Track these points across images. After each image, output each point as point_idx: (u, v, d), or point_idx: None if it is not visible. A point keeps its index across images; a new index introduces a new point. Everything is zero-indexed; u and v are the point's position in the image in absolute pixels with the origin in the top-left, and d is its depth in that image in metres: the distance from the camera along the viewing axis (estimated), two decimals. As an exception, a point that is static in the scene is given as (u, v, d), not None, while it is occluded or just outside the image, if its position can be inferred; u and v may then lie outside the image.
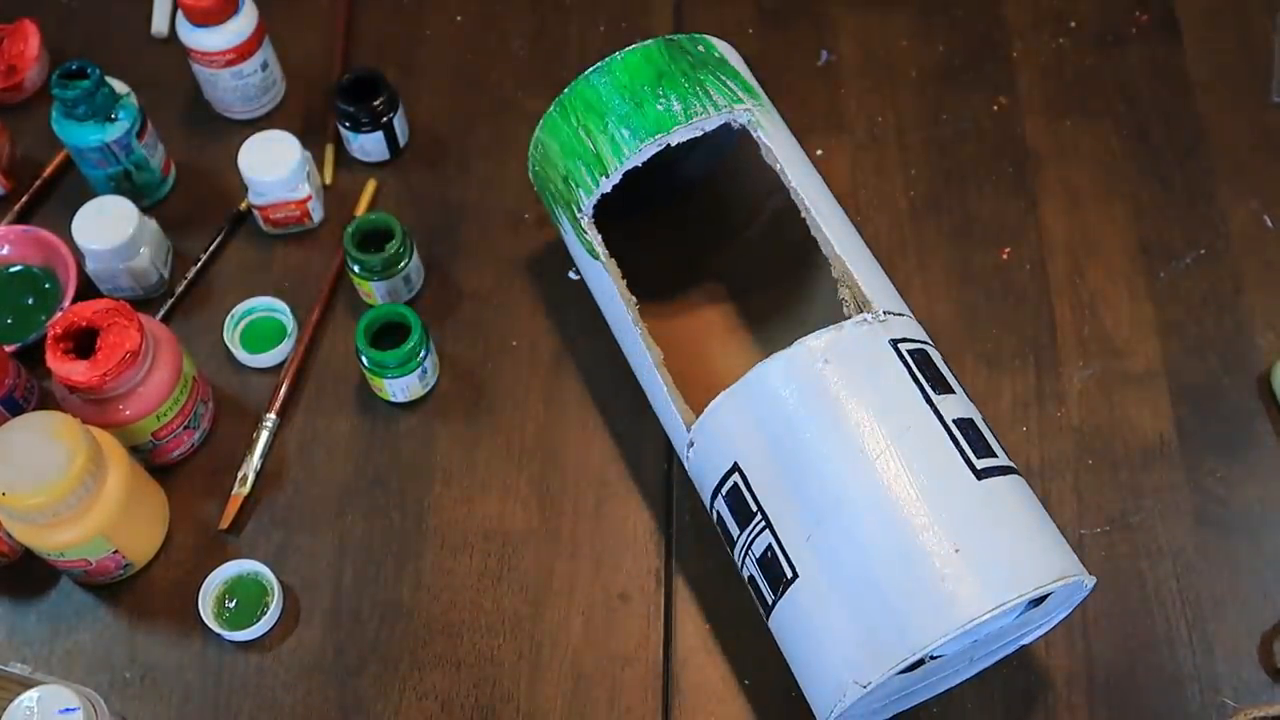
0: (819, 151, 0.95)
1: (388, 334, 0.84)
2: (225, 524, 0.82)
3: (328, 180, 0.96)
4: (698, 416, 0.72)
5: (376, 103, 0.93)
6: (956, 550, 0.64)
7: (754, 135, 0.77)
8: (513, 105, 0.99)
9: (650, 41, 0.79)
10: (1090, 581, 0.67)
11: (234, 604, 0.80)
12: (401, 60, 1.01)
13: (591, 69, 0.79)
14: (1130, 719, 0.76)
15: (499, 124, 0.98)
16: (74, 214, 0.87)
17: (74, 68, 0.87)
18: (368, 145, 0.95)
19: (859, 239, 0.77)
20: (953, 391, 0.71)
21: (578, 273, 0.91)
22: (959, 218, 0.93)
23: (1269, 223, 0.92)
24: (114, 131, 0.89)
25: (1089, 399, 0.86)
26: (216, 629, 0.78)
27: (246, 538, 0.83)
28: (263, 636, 0.79)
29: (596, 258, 0.77)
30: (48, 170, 0.95)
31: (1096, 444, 0.84)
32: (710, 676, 0.78)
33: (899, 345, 0.71)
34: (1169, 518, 0.82)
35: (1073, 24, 1.01)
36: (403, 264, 0.87)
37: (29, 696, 0.68)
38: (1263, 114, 0.97)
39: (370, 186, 0.95)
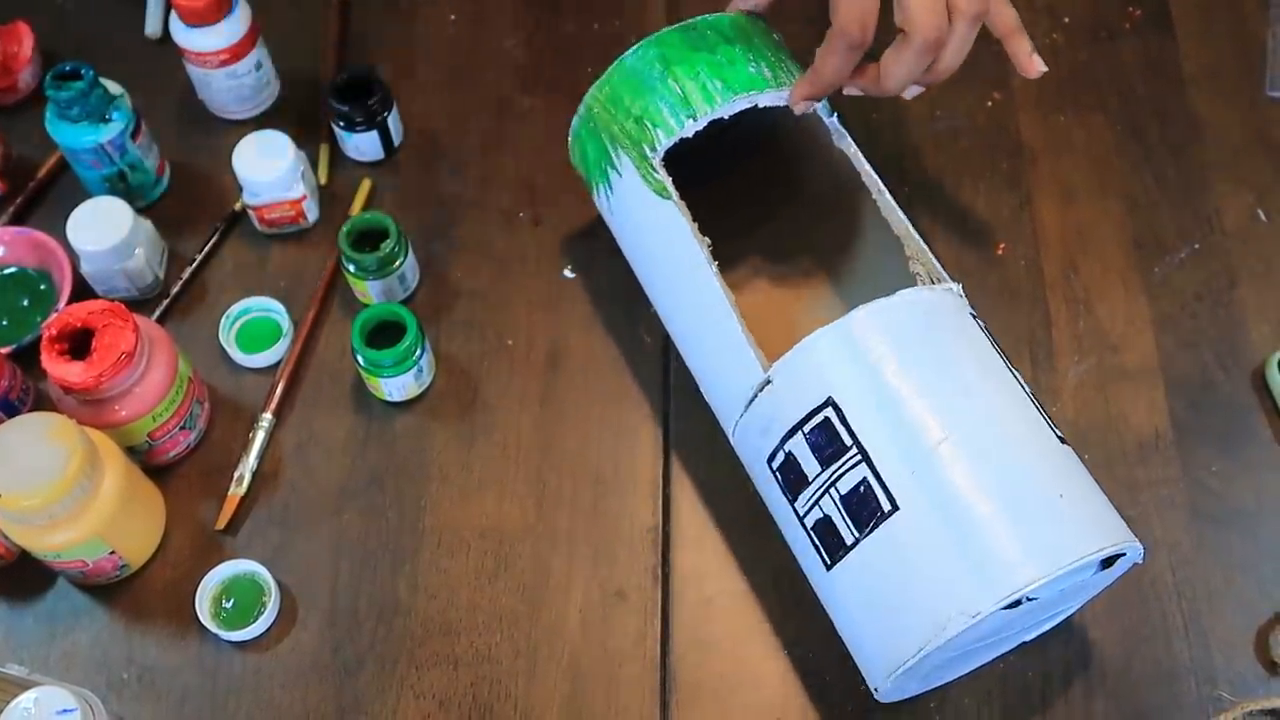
0: (813, 148, 0.95)
1: (383, 333, 0.84)
2: (222, 524, 0.82)
3: (322, 180, 0.96)
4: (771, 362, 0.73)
5: (371, 102, 0.93)
6: (1061, 496, 0.67)
7: (826, 121, 0.79)
8: (507, 104, 0.99)
9: (734, 13, 0.81)
10: (1141, 552, 0.69)
11: (231, 604, 0.80)
12: (396, 59, 1.01)
13: (679, 24, 0.80)
14: (1126, 712, 0.76)
15: (494, 122, 0.98)
16: (69, 215, 0.87)
17: (68, 69, 0.87)
18: (362, 145, 0.95)
19: (910, 225, 0.78)
20: (1017, 368, 0.73)
21: (574, 270, 0.91)
22: (953, 213, 0.93)
23: (1263, 217, 0.93)
24: (108, 132, 0.88)
25: (1084, 394, 0.86)
26: (214, 629, 0.78)
27: (243, 538, 0.83)
28: (260, 636, 0.79)
29: (667, 197, 0.77)
30: (42, 171, 0.95)
31: (1092, 439, 0.84)
32: (708, 674, 0.78)
33: (976, 319, 0.74)
34: (1165, 512, 0.82)
35: (1066, 19, 1.02)
36: (398, 263, 0.87)
37: (26, 698, 0.68)
38: (1256, 108, 0.97)
39: (365, 186, 0.95)
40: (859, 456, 0.68)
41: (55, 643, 0.80)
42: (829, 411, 0.70)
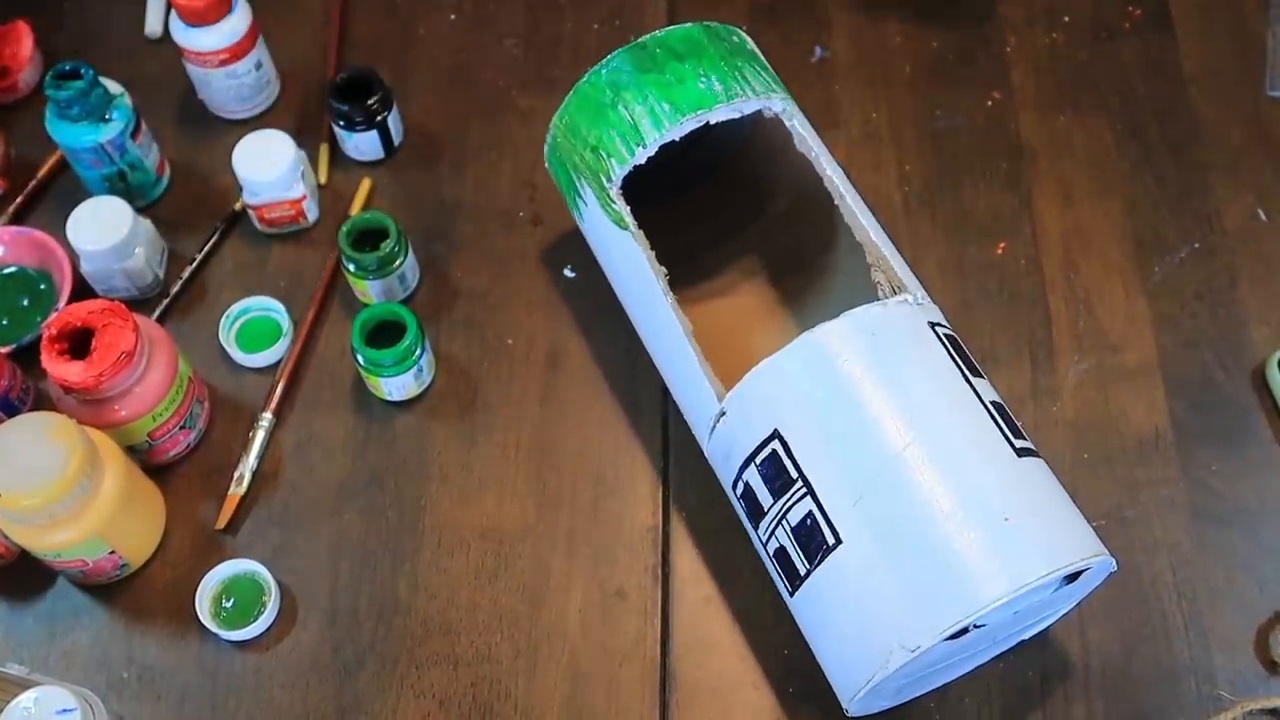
0: (813, 148, 0.95)
1: (383, 332, 0.84)
2: (222, 524, 0.82)
3: (322, 179, 0.96)
4: (728, 389, 0.72)
5: (370, 102, 0.93)
6: (1006, 519, 0.65)
7: (787, 124, 0.78)
8: (507, 104, 0.99)
9: (689, 25, 0.80)
10: (1112, 564, 0.68)
11: (231, 604, 0.80)
12: (395, 59, 1.01)
13: (630, 44, 0.79)
14: (1127, 712, 0.76)
15: (493, 122, 0.98)
16: (69, 215, 0.87)
17: (68, 68, 0.87)
18: (362, 144, 0.95)
19: (882, 230, 0.78)
20: (982, 376, 0.72)
21: (574, 270, 0.91)
22: (953, 213, 0.93)
23: (1263, 216, 0.93)
24: (108, 132, 0.88)
25: (1084, 393, 0.86)
26: (214, 629, 0.78)
27: (243, 537, 0.83)
28: (260, 636, 0.79)
29: (624, 228, 0.77)
30: (42, 171, 0.95)
31: (1092, 438, 0.84)
32: (707, 673, 0.78)
33: (935, 328, 0.72)
34: (1165, 511, 0.82)
35: (1066, 19, 1.02)
36: (397, 262, 0.87)
37: (26, 697, 0.68)
38: (1257, 108, 0.97)
39: (365, 185, 0.95)
40: (804, 489, 0.68)
41: (55, 642, 0.80)
42: (776, 444, 0.70)
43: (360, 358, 0.83)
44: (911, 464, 0.66)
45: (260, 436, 0.85)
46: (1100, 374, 0.87)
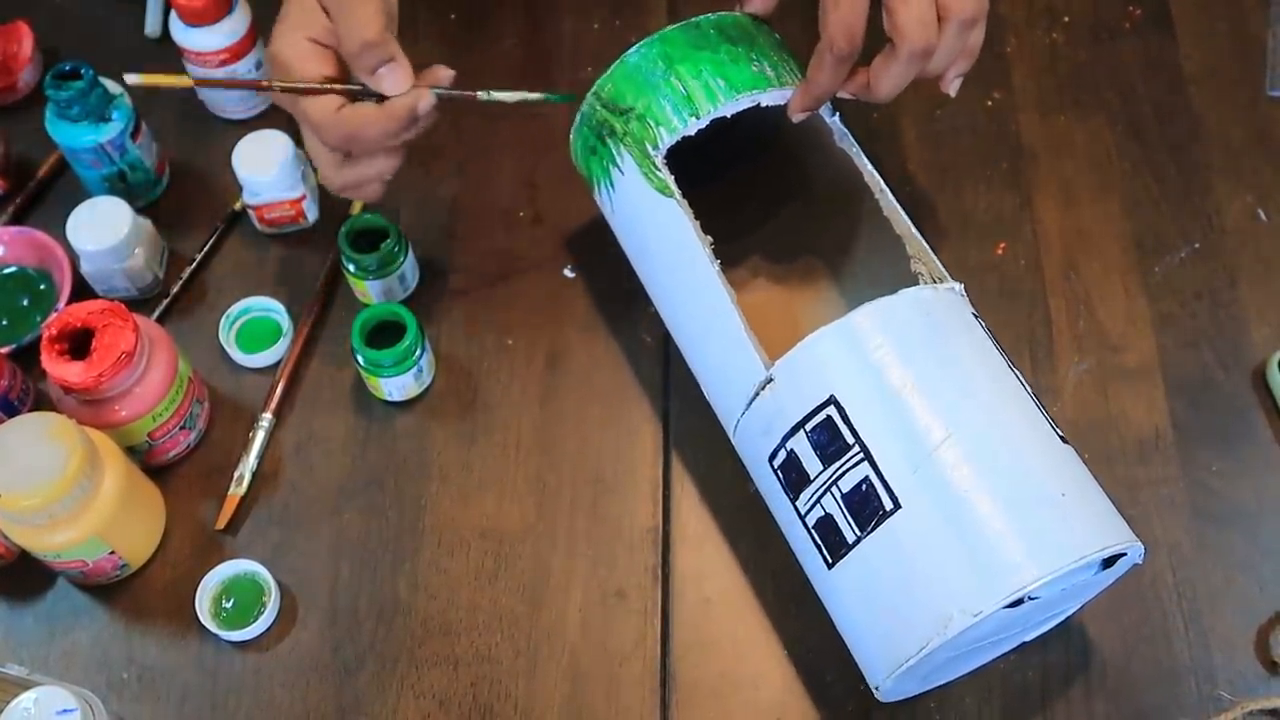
0: (813, 148, 0.95)
1: (383, 333, 0.84)
2: (222, 524, 0.82)
3: (322, 179, 0.96)
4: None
5: (370, 102, 0.92)
6: (1063, 495, 0.67)
7: (828, 121, 0.79)
8: (507, 103, 0.98)
9: (737, 12, 0.81)
10: (1142, 552, 0.68)
11: (231, 604, 0.80)
12: (395, 59, 1.00)
13: (684, 22, 0.79)
14: (1127, 712, 0.76)
15: (493, 121, 0.98)
16: (68, 215, 0.87)
17: (67, 68, 0.87)
18: (362, 144, 0.94)
19: (912, 224, 0.78)
20: (1017, 369, 0.73)
21: (574, 270, 0.91)
22: (953, 213, 0.93)
23: (1264, 216, 0.93)
24: (108, 132, 0.88)
25: (1084, 394, 0.86)
26: (213, 629, 0.78)
27: (243, 538, 0.83)
28: (260, 636, 0.79)
29: (669, 195, 0.77)
30: (42, 171, 0.95)
31: (1092, 438, 0.84)
32: (707, 673, 0.78)
33: (978, 319, 0.74)
34: (1165, 512, 0.82)
35: (1066, 19, 1.02)
36: (397, 263, 0.87)
37: (26, 698, 0.68)
38: (1257, 108, 0.97)
39: (365, 185, 0.95)
40: (861, 455, 0.68)
41: (55, 643, 0.80)
42: (831, 410, 0.70)
43: (360, 358, 0.83)
44: (971, 436, 0.67)
45: (260, 436, 0.85)
46: (1100, 374, 0.87)
